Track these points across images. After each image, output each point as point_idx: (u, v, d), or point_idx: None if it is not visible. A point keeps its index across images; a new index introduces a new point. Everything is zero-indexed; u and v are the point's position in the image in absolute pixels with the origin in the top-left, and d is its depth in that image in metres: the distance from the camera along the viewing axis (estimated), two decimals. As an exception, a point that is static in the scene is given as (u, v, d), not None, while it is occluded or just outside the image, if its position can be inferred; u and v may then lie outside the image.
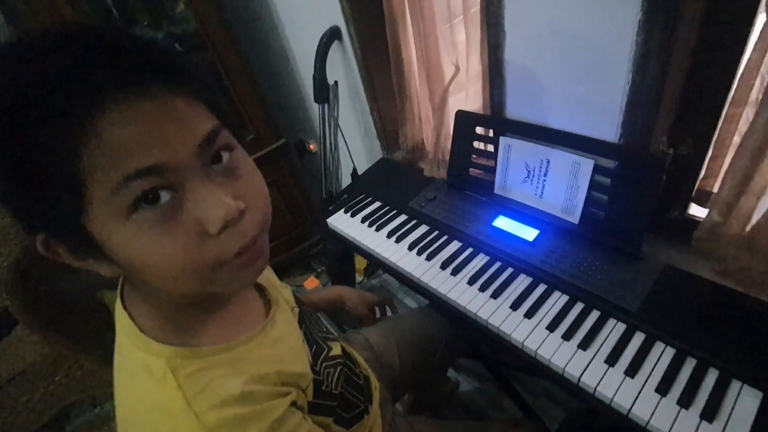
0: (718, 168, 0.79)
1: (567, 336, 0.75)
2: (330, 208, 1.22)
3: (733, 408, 0.62)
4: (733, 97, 0.71)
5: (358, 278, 1.91)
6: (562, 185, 0.90)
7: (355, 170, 1.52)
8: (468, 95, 1.13)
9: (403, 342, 0.92)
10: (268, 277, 0.60)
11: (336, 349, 0.62)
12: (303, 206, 1.88)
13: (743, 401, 0.62)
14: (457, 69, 1.06)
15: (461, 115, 1.03)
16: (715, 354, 0.67)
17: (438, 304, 0.93)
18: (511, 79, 0.94)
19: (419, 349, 0.93)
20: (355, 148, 1.53)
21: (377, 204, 1.18)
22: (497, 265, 0.92)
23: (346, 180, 1.59)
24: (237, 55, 1.44)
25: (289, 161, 1.82)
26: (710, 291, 0.76)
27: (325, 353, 0.59)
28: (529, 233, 0.94)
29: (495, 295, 0.85)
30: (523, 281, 0.87)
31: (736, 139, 0.73)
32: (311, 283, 1.97)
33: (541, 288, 0.85)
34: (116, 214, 0.32)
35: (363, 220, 1.13)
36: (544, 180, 0.93)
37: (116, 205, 0.31)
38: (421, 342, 0.94)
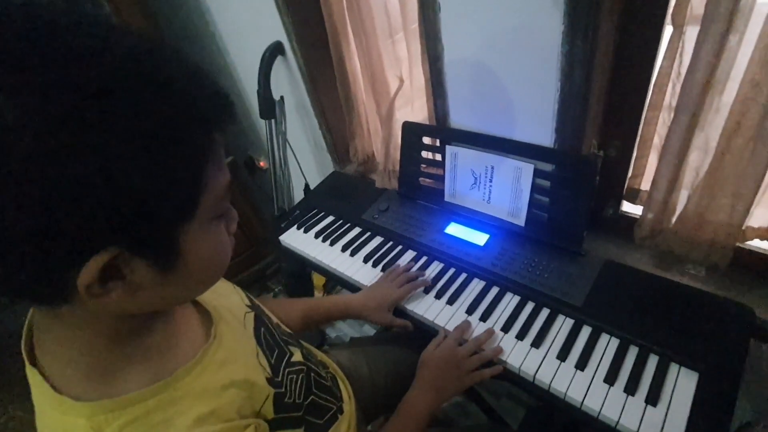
0: (643, 167, 0.85)
1: (521, 335, 0.77)
2: (282, 225, 1.19)
3: (673, 390, 0.66)
4: (649, 101, 0.77)
5: (317, 295, 1.88)
6: (507, 190, 0.93)
7: (307, 185, 1.50)
8: (414, 108, 1.15)
9: (375, 363, 0.89)
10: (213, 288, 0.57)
11: (297, 355, 0.59)
12: (256, 225, 1.83)
13: (682, 383, 0.66)
14: (401, 81, 1.08)
15: (408, 126, 1.05)
16: (653, 341, 0.71)
17: (398, 316, 0.93)
18: (452, 90, 0.97)
19: (392, 371, 0.90)
20: (306, 163, 1.51)
21: (330, 218, 1.17)
22: (451, 271, 0.93)
23: (298, 196, 1.56)
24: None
25: (238, 179, 1.77)
26: (646, 281, 0.81)
27: (287, 358, 0.56)
28: (480, 238, 0.97)
29: (450, 301, 0.86)
30: (476, 286, 0.89)
31: (656, 140, 0.80)
32: (269, 303, 1.91)
33: (494, 291, 0.87)
34: (209, 220, 0.36)
35: (316, 236, 1.12)
36: (491, 185, 0.96)
37: (214, 212, 0.37)
38: (394, 364, 0.91)
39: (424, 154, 1.06)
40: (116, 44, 0.29)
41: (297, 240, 1.13)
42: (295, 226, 1.17)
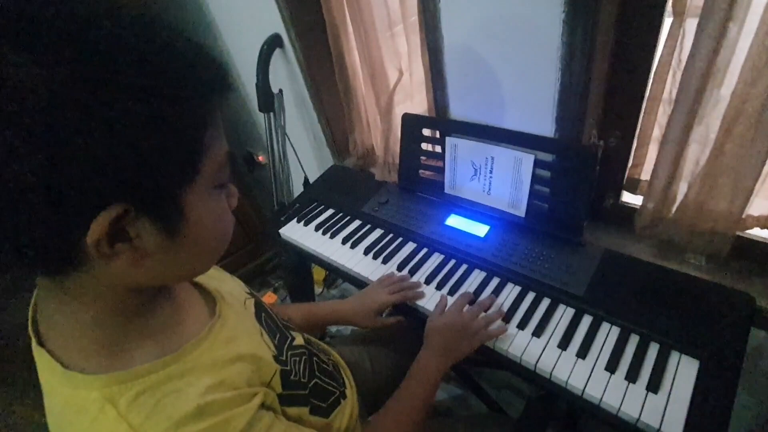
0: (643, 157, 0.85)
1: (522, 325, 0.78)
2: (282, 219, 1.19)
3: (674, 377, 0.66)
4: (649, 91, 0.77)
5: (318, 289, 1.88)
6: (507, 181, 0.93)
7: (306, 179, 1.50)
8: (414, 102, 1.15)
9: (377, 355, 0.89)
10: (211, 273, 0.57)
11: (299, 339, 0.60)
12: (255, 220, 1.83)
13: (683, 370, 0.67)
14: (401, 73, 1.08)
15: (408, 118, 1.05)
16: (654, 329, 0.72)
17: (399, 308, 0.93)
18: (452, 81, 0.97)
19: (395, 366, 0.90)
20: (306, 156, 1.51)
21: (330, 211, 1.17)
22: (452, 262, 0.93)
23: (297, 189, 1.56)
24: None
25: (237, 174, 1.76)
26: (646, 271, 0.81)
27: (289, 341, 0.57)
28: (481, 229, 0.97)
29: (452, 292, 0.87)
30: (477, 276, 0.89)
31: (657, 130, 0.80)
32: (269, 298, 1.91)
33: (495, 281, 0.87)
34: (210, 188, 0.37)
35: (317, 228, 1.12)
36: (491, 177, 0.96)
37: (215, 180, 0.37)
38: (397, 360, 0.91)
39: (424, 146, 1.06)
40: (119, 10, 0.32)
41: (297, 233, 1.13)
42: (295, 219, 1.17)
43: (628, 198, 0.94)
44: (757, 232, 0.78)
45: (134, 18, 0.32)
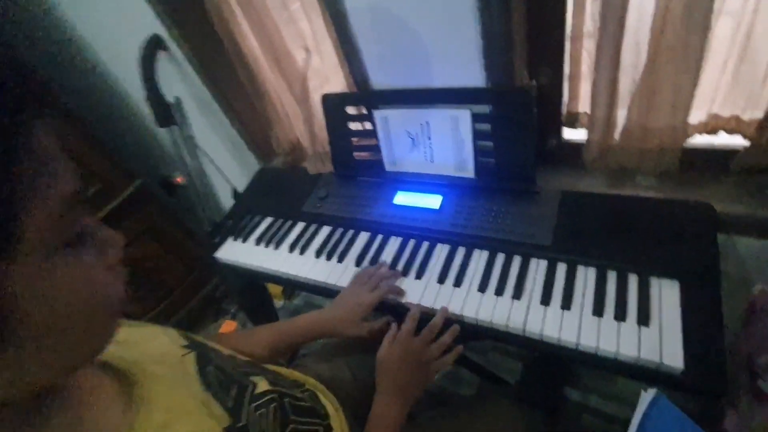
0: (577, 88, 0.82)
1: (499, 291, 0.72)
2: (216, 241, 1.05)
3: (660, 304, 0.64)
4: (572, 19, 0.73)
5: (278, 303, 1.75)
6: (448, 143, 0.86)
7: (235, 191, 1.35)
8: (331, 83, 1.04)
9: (359, 367, 0.80)
10: (127, 338, 0.45)
11: (262, 384, 0.49)
12: (190, 248, 1.65)
13: (666, 294, 0.65)
14: (309, 53, 0.96)
15: (328, 99, 0.94)
16: (628, 260, 0.69)
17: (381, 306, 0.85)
18: (365, 49, 0.88)
19: (371, 365, 0.83)
20: (228, 166, 1.35)
21: (269, 220, 1.05)
22: (412, 243, 0.86)
23: (228, 203, 1.41)
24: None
25: (156, 203, 1.56)
26: (604, 203, 0.79)
27: (250, 392, 0.46)
28: (433, 201, 0.90)
29: (419, 275, 0.80)
30: (442, 251, 0.83)
31: (586, 56, 0.76)
32: (228, 327, 1.75)
33: (461, 252, 0.81)
34: (53, 252, 0.26)
35: (258, 242, 0.99)
36: (430, 143, 0.89)
37: (57, 237, 0.26)
38: (371, 357, 0.83)
39: (353, 126, 0.96)
40: None
41: (236, 252, 1.00)
42: (231, 237, 1.04)
43: (570, 135, 0.91)
44: (699, 141, 0.77)
45: None
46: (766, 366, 0.58)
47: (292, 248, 0.94)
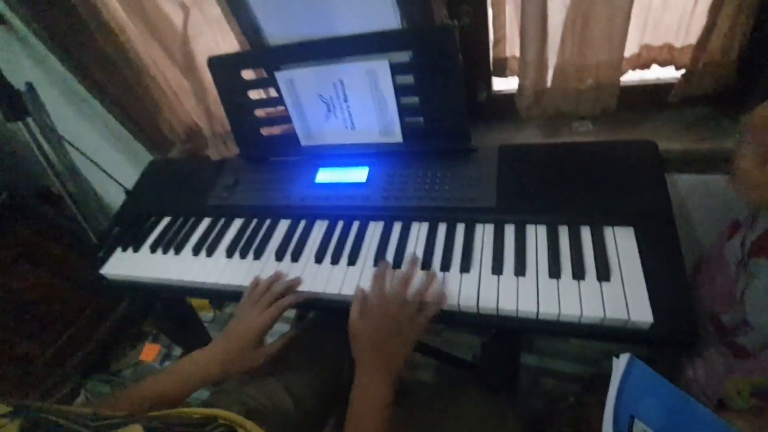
0: (502, 28, 0.73)
1: (445, 266, 0.62)
2: (101, 255, 0.84)
3: (618, 255, 0.57)
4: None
5: (207, 316, 1.54)
6: (368, 105, 0.74)
7: (128, 191, 1.13)
8: (220, 44, 0.87)
9: (298, 386, 0.67)
10: None
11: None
12: (84, 267, 1.38)
13: (622, 243, 0.58)
14: (185, 7, 0.78)
15: (215, 63, 0.77)
16: (578, 212, 0.63)
17: (302, 306, 0.71)
18: (255, -3, 0.72)
19: (317, 377, 0.70)
20: (113, 163, 1.11)
21: (166, 220, 0.86)
22: (340, 225, 0.73)
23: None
24: None
25: (34, 220, 1.28)
26: (544, 154, 0.71)
27: None
28: (359, 174, 0.78)
29: (351, 261, 0.67)
30: (375, 230, 0.71)
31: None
32: (150, 351, 1.52)
33: (398, 227, 0.70)
34: None
35: (153, 249, 0.81)
36: (348, 107, 0.76)
37: None
38: (316, 367, 0.71)
39: (253, 95, 0.80)
40: None
41: (127, 265, 0.81)
42: (120, 248, 0.84)
43: (501, 85, 0.83)
44: (632, 77, 0.72)
45: None
46: (737, 323, 0.54)
47: (196, 250, 0.77)
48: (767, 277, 0.53)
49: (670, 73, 0.70)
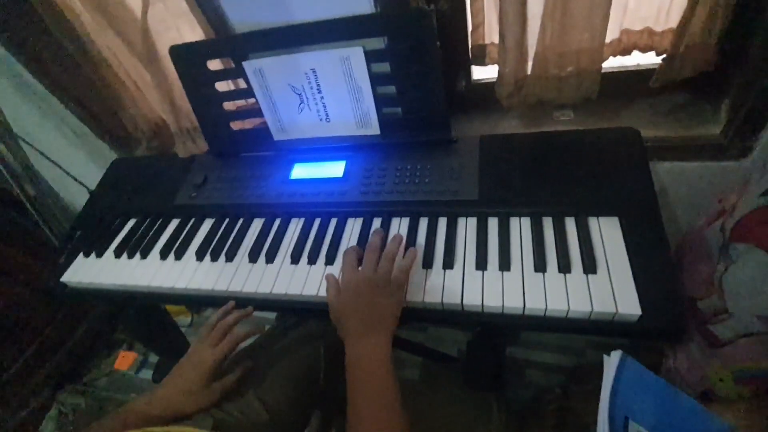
0: (480, 14, 0.70)
1: (427, 263, 0.60)
2: (62, 261, 0.79)
3: (604, 246, 0.56)
4: None
5: (184, 320, 1.48)
6: (343, 95, 0.70)
7: (90, 191, 1.07)
8: (184, 33, 0.81)
9: (267, 389, 0.63)
10: None
11: None
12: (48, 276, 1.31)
13: (607, 234, 0.57)
14: (143, -6, 0.73)
15: (177, 52, 0.71)
16: (562, 202, 0.61)
17: (276, 309, 0.68)
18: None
19: (292, 386, 0.66)
20: (74, 161, 1.05)
21: (132, 222, 0.81)
22: (317, 223, 0.70)
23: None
24: None
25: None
26: (527, 143, 0.69)
27: None
28: (336, 169, 0.74)
29: (329, 260, 0.64)
30: (354, 227, 0.68)
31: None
32: (125, 360, 1.46)
33: (377, 224, 0.67)
34: None
35: (117, 253, 0.76)
36: (321, 97, 0.72)
37: None
38: (291, 376, 0.67)
39: (221, 86, 0.75)
40: None
41: (90, 271, 0.75)
42: (81, 253, 0.78)
43: (480, 74, 0.81)
44: (613, 63, 0.71)
45: None
46: (713, 310, 0.53)
47: (164, 254, 0.73)
48: (747, 262, 0.52)
49: (651, 59, 0.69)
